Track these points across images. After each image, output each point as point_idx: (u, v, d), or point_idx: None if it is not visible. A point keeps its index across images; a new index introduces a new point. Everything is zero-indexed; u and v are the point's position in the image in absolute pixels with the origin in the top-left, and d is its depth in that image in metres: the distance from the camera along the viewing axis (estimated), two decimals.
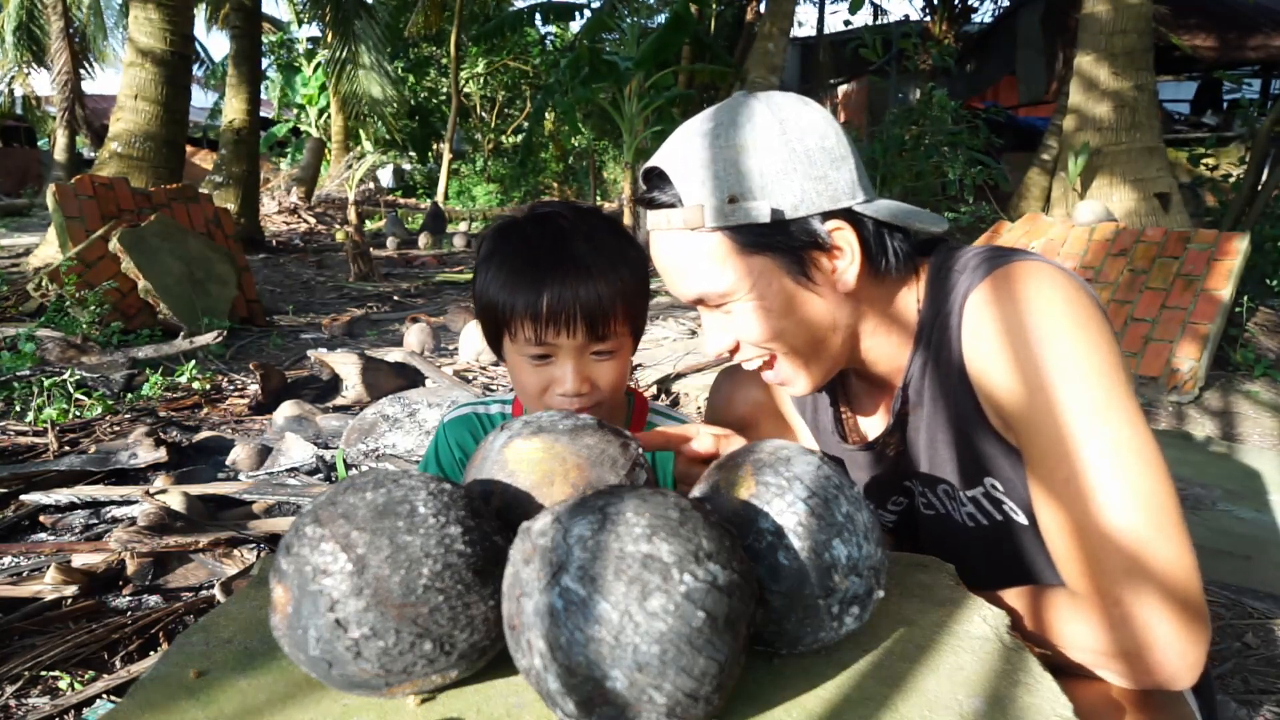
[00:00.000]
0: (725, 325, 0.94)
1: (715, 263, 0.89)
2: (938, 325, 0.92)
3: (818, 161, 0.88)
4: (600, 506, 0.62)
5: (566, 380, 1.06)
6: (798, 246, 0.89)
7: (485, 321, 1.11)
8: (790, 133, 0.88)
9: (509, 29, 11.70)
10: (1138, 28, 5.73)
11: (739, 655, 0.60)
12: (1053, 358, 0.80)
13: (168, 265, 5.25)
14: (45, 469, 2.75)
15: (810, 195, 0.87)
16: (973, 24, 16.66)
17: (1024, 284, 0.84)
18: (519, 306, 1.03)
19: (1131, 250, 4.67)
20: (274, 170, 17.83)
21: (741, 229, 0.87)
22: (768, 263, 0.89)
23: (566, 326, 1.03)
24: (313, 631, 0.64)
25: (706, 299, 0.92)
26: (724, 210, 0.87)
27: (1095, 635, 0.78)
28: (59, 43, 14.38)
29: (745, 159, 0.87)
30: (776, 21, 9.10)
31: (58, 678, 1.66)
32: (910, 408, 0.98)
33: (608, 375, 1.09)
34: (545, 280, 1.02)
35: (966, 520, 0.98)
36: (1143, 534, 0.75)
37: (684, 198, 0.88)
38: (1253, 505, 2.74)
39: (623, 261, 1.07)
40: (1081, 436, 0.78)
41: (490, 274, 1.07)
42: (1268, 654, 1.84)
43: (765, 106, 0.90)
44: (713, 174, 0.87)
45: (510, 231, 1.10)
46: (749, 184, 0.87)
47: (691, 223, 0.88)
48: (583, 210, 1.12)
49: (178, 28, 7.34)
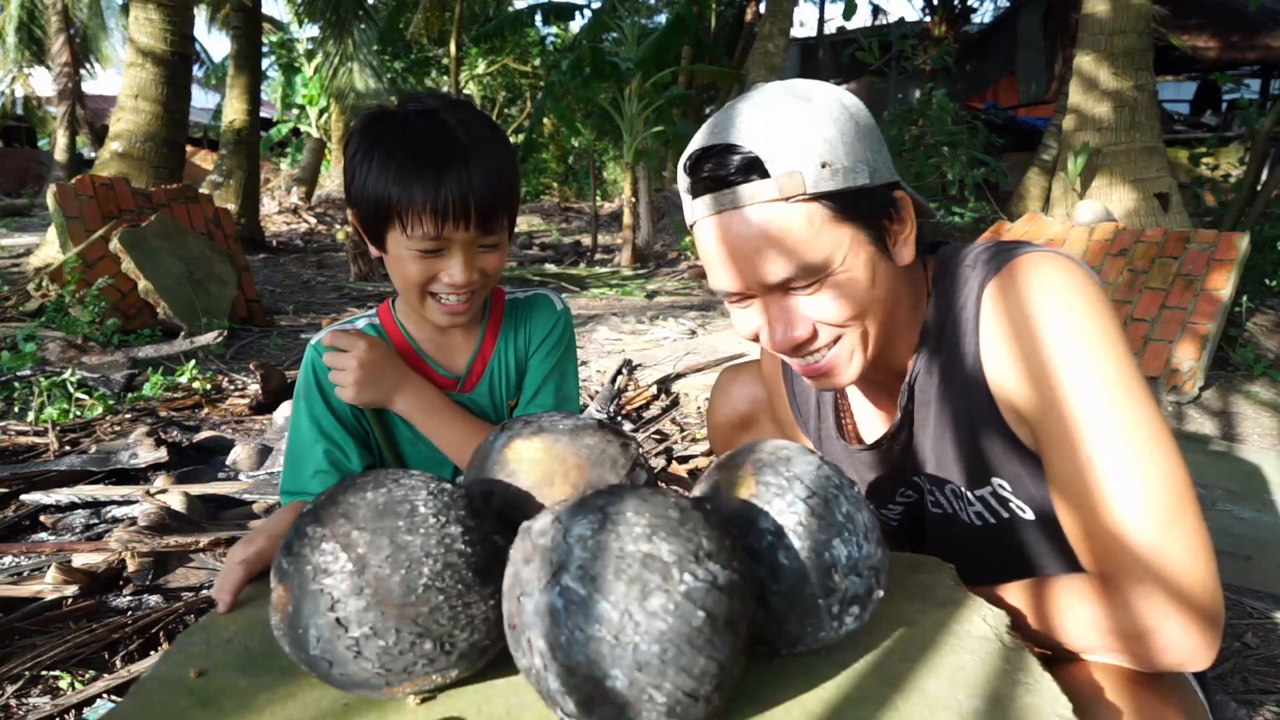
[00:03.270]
0: (801, 309, 0.89)
1: (811, 233, 0.84)
2: (949, 322, 0.93)
3: (874, 134, 0.88)
4: (600, 506, 0.62)
5: (457, 273, 1.07)
6: (879, 214, 0.87)
7: (369, 215, 1.08)
8: (849, 106, 0.87)
9: (509, 29, 11.69)
10: (1138, 28, 5.72)
11: (739, 655, 0.60)
12: (1067, 348, 0.82)
13: (168, 265, 5.25)
14: (45, 469, 2.75)
15: (879, 165, 0.87)
16: (972, 24, 16.67)
17: (1037, 275, 0.85)
18: (416, 199, 1.02)
19: (1131, 250, 4.67)
20: (274, 170, 17.84)
21: (835, 196, 0.84)
22: (856, 233, 0.86)
23: (463, 219, 1.03)
24: (313, 631, 0.64)
25: (800, 275, 0.86)
26: (823, 174, 0.83)
27: (1106, 616, 0.78)
28: (59, 43, 14.39)
29: (825, 128, 0.84)
30: (776, 22, 9.10)
31: (58, 677, 1.66)
32: (916, 405, 0.99)
33: (493, 264, 1.12)
34: (444, 173, 1.02)
35: (974, 519, 0.99)
36: (1159, 519, 0.77)
37: (772, 166, 0.83)
38: (1253, 505, 2.73)
39: (502, 152, 1.09)
40: (1096, 424, 0.80)
41: (376, 166, 1.05)
42: (1268, 654, 1.84)
43: (815, 86, 0.88)
44: (801, 141, 0.83)
45: (390, 123, 1.07)
46: (837, 150, 0.84)
47: (788, 190, 0.82)
48: (456, 101, 1.11)
49: (178, 28, 7.34)
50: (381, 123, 1.08)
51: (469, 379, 1.25)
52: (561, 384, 1.28)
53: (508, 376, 1.27)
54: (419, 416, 1.18)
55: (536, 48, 17.71)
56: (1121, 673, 0.81)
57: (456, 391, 1.24)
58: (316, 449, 1.17)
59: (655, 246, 10.50)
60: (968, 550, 0.91)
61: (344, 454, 1.18)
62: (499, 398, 1.27)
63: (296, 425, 1.20)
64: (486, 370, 1.25)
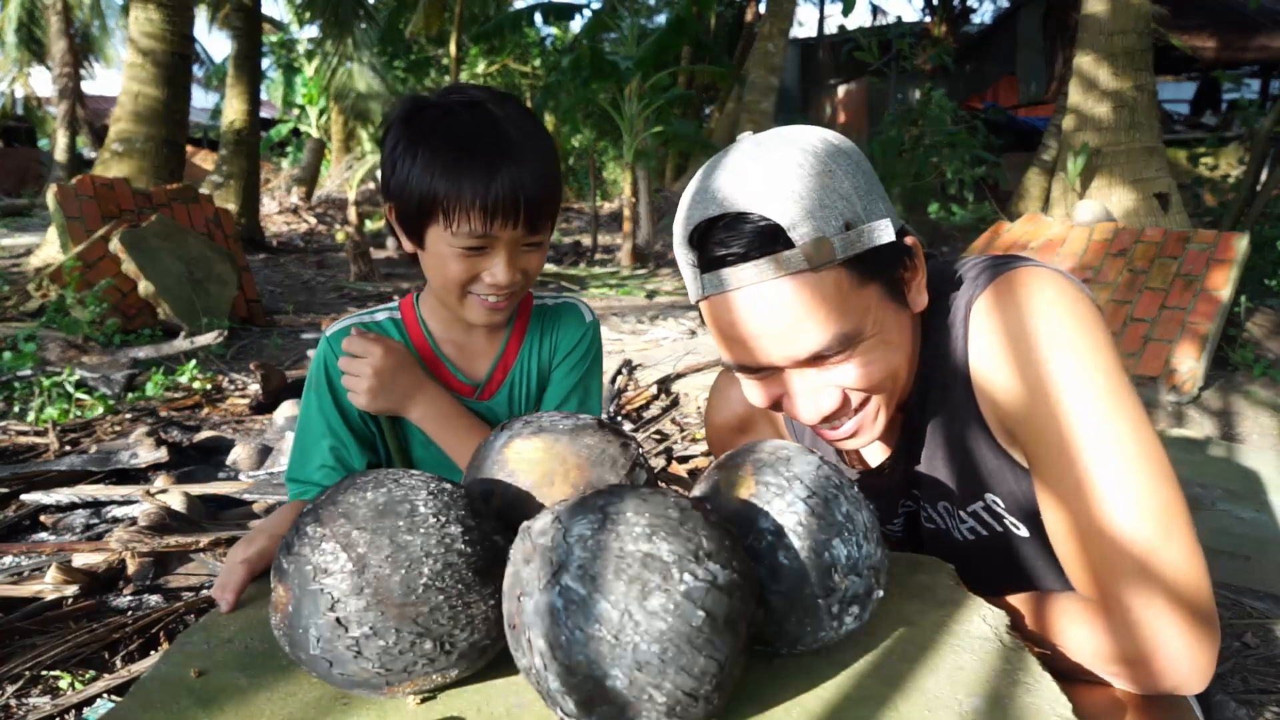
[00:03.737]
0: (827, 377, 0.83)
1: (841, 300, 0.78)
2: (939, 341, 0.91)
3: (874, 177, 0.84)
4: (600, 506, 0.62)
5: (500, 272, 1.03)
6: (895, 268, 0.83)
7: (410, 210, 1.03)
8: (851, 154, 0.82)
9: (509, 29, 11.69)
10: (1138, 28, 5.72)
11: (739, 655, 0.60)
12: (1058, 362, 0.80)
13: (168, 265, 5.25)
14: (46, 469, 2.75)
15: (890, 213, 0.82)
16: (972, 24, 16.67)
17: (1027, 290, 0.84)
18: (465, 195, 0.97)
19: (1131, 250, 4.67)
20: (274, 170, 17.84)
21: (856, 258, 0.78)
22: (878, 291, 0.82)
23: (513, 217, 0.99)
24: (313, 631, 0.64)
25: (834, 346, 0.80)
26: (849, 237, 0.77)
27: (1102, 640, 0.77)
28: (59, 43, 14.39)
29: (837, 182, 0.78)
30: (776, 22, 9.11)
31: (58, 677, 1.66)
32: (913, 427, 0.97)
33: (535, 264, 1.08)
34: (495, 169, 0.97)
35: (967, 534, 0.98)
36: (1151, 538, 0.75)
37: (795, 233, 0.76)
38: (1252, 505, 2.73)
39: (549, 149, 1.05)
40: (1089, 440, 0.78)
41: (421, 159, 1.00)
42: (1267, 654, 1.84)
43: (807, 133, 0.83)
44: (821, 201, 0.77)
45: (434, 115, 1.02)
46: (855, 208, 0.78)
47: (816, 260, 0.76)
48: (502, 95, 1.06)
49: (178, 28, 7.34)
50: (423, 113, 1.03)
51: (489, 386, 1.20)
52: (585, 400, 1.22)
53: (528, 386, 1.22)
54: (433, 425, 1.13)
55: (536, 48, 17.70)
56: (1116, 691, 0.81)
57: (474, 399, 1.19)
58: (323, 443, 1.14)
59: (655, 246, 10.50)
60: (964, 566, 0.90)
61: (349, 452, 1.15)
62: (518, 408, 1.22)
63: (306, 414, 1.17)
64: (508, 379, 1.20)
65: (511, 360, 1.21)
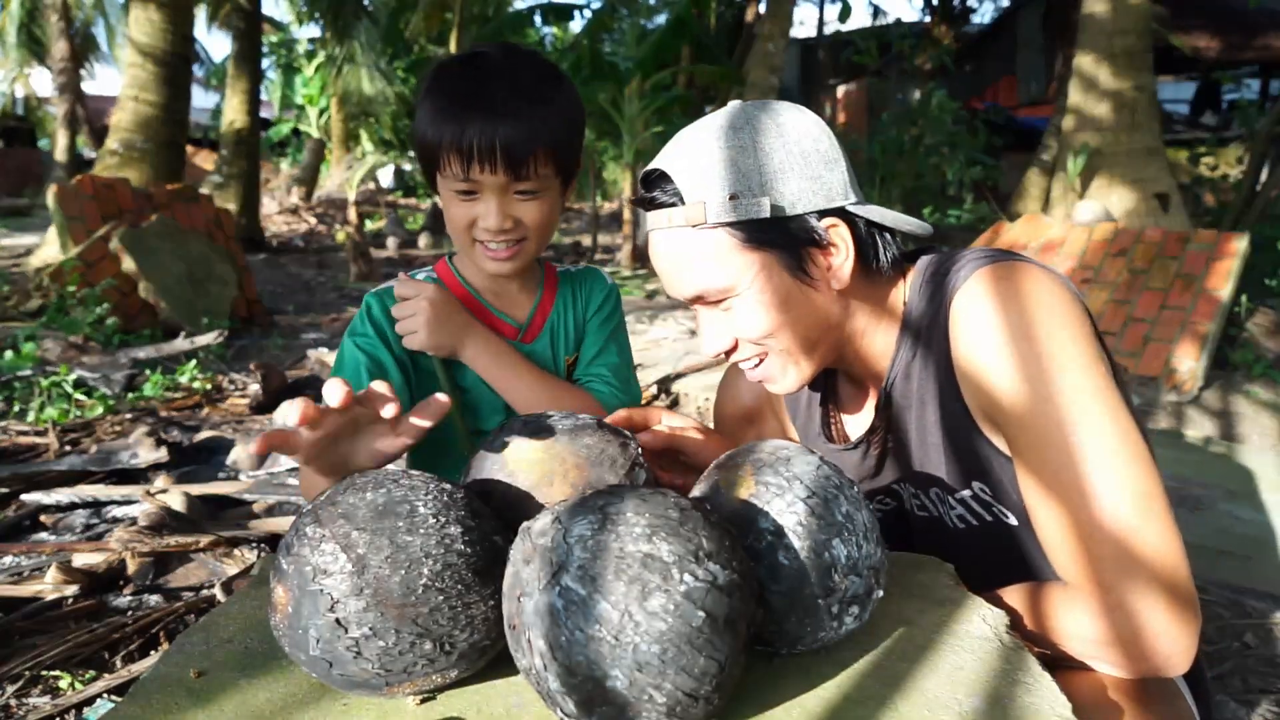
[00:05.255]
0: (723, 323, 0.97)
1: (716, 259, 0.91)
2: (925, 328, 0.94)
3: (813, 162, 0.91)
4: (600, 506, 0.62)
5: (490, 216, 1.09)
6: (796, 242, 0.92)
7: (422, 157, 1.13)
8: (787, 135, 0.91)
9: (509, 30, 11.70)
10: (1138, 28, 5.73)
11: (739, 655, 0.60)
12: (1037, 351, 0.82)
13: (168, 265, 5.25)
14: (46, 469, 2.75)
15: (806, 193, 0.91)
16: (972, 24, 16.67)
17: (1008, 281, 0.87)
18: (445, 140, 1.06)
19: (1131, 250, 4.67)
20: (274, 171, 17.86)
21: (742, 225, 0.90)
22: (767, 258, 0.91)
23: (488, 163, 1.05)
24: (313, 631, 0.64)
25: (706, 295, 0.94)
26: (726, 206, 0.89)
27: (1090, 624, 0.79)
28: (60, 43, 14.39)
29: (744, 158, 0.90)
30: (776, 22, 9.10)
31: (58, 677, 1.66)
32: (898, 409, 1.00)
33: (531, 214, 1.12)
34: (469, 116, 1.04)
35: (957, 522, 0.99)
36: (1131, 522, 0.77)
37: (685, 195, 0.91)
38: (1253, 505, 2.74)
39: (544, 103, 1.09)
40: (1068, 427, 0.80)
41: (424, 110, 1.09)
42: (1267, 654, 1.84)
43: (761, 111, 0.94)
44: (714, 172, 0.90)
45: (443, 70, 1.12)
46: (749, 182, 0.90)
47: (694, 219, 0.90)
48: (517, 50, 1.13)
49: (178, 28, 7.34)
50: (439, 70, 1.12)
51: (530, 329, 1.25)
52: (621, 351, 1.30)
53: (567, 334, 1.28)
54: (486, 361, 1.17)
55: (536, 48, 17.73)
56: (1114, 682, 0.81)
57: (519, 340, 1.24)
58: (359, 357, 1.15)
59: None
60: (957, 553, 0.92)
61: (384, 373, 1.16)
62: (559, 352, 1.27)
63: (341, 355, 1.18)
64: (547, 324, 1.26)
65: (549, 308, 1.27)
